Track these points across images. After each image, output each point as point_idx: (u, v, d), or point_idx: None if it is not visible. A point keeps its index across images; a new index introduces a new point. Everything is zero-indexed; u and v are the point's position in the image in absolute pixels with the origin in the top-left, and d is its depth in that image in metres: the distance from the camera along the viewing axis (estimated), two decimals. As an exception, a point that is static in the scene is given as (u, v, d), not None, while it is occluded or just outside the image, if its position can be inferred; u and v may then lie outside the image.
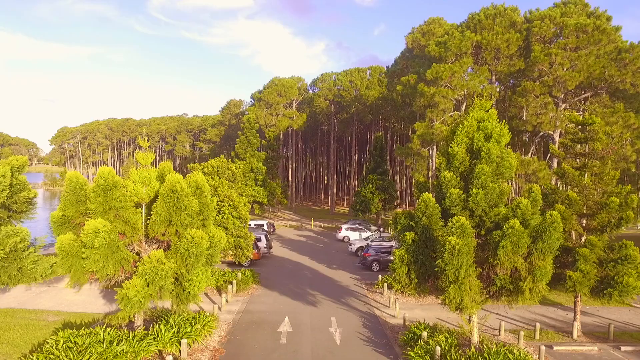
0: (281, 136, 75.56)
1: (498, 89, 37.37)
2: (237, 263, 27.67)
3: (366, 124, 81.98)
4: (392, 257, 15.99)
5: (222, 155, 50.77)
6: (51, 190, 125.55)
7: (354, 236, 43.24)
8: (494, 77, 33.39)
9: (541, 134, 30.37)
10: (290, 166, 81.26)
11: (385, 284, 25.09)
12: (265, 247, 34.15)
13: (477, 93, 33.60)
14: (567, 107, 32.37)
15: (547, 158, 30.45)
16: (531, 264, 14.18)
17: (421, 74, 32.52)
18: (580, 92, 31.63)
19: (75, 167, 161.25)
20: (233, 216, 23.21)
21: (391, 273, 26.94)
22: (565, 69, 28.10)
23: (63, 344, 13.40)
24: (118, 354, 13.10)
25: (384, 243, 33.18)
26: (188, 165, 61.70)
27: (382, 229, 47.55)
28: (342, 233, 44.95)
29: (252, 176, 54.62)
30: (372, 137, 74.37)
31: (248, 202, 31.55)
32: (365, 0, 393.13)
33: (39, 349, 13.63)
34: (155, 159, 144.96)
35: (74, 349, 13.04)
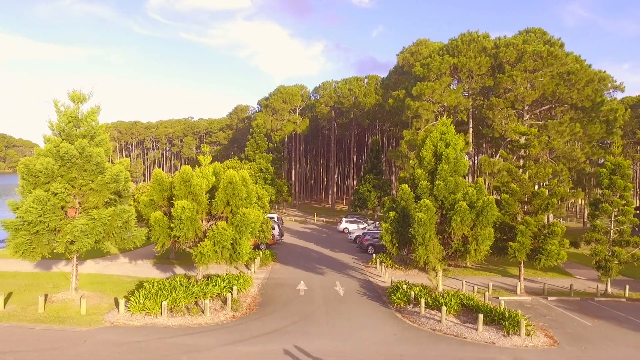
0: (286, 139, 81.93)
1: (482, 99, 43.80)
2: (259, 244, 34.02)
3: (364, 128, 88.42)
4: (391, 249, 22.25)
5: (235, 157, 57.06)
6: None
7: (352, 227, 49.51)
8: (469, 93, 39.87)
9: (508, 139, 36.79)
10: (293, 167, 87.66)
11: (378, 260, 31.37)
12: (278, 235, 40.41)
13: (453, 106, 40.11)
14: (531, 116, 38.87)
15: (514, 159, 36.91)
16: (476, 232, 20.54)
17: (409, 89, 38.94)
18: (541, 105, 38.09)
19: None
20: (258, 205, 29.52)
21: (384, 251, 33.41)
22: (524, 88, 34.57)
23: (155, 286, 19.73)
24: (194, 292, 19.41)
25: (379, 231, 39.42)
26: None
27: (377, 222, 53.80)
28: (343, 225, 51.28)
29: (261, 176, 60.90)
30: (370, 140, 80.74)
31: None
32: (363, 2, 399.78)
33: (139, 289, 19.93)
34: (163, 160, 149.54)
35: (164, 288, 19.37)
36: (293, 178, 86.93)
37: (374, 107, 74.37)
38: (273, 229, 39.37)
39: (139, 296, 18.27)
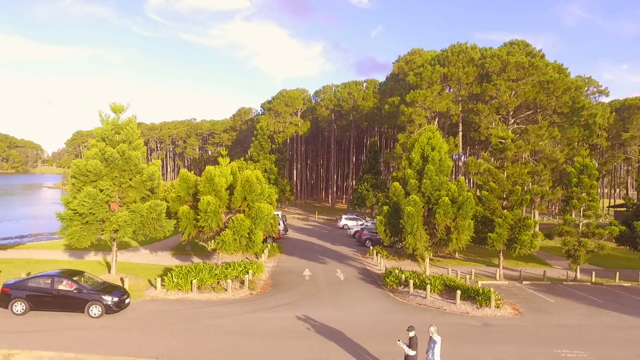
0: (288, 141, 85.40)
1: (474, 103, 47.26)
2: (266, 238, 37.44)
3: (363, 130, 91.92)
4: (384, 240, 25.70)
5: (241, 159, 60.40)
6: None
7: (352, 224, 52.97)
8: (458, 99, 43.44)
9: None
10: (294, 167, 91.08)
11: (375, 252, 34.79)
12: (283, 230, 43.83)
13: (444, 111, 43.48)
14: (516, 121, 42.36)
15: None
16: (457, 223, 23.94)
17: (403, 96, 42.50)
18: (526, 110, 41.59)
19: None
20: (267, 202, 32.91)
21: (380, 244, 36.84)
22: (508, 95, 38.05)
23: (184, 269, 23.14)
24: (217, 274, 22.81)
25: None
26: (207, 166, 71.22)
27: (375, 219, 57.20)
28: (342, 222, 54.73)
29: (265, 176, 64.24)
30: (368, 141, 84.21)
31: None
32: (362, 2, 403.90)
33: (170, 271, 23.33)
34: (167, 160, 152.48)
35: (192, 270, 22.78)
36: (294, 178, 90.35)
37: (372, 110, 77.82)
38: (278, 224, 42.82)
39: (172, 276, 21.71)
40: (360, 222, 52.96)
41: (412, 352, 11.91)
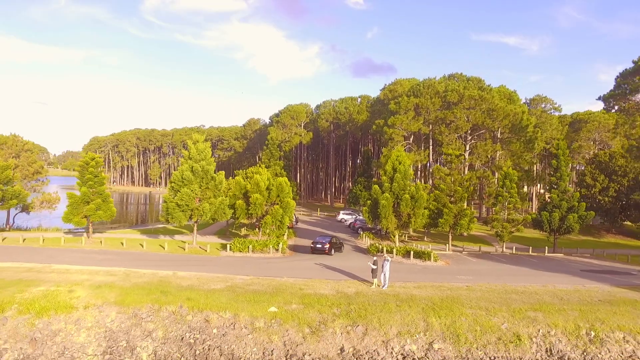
0: (293, 148, 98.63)
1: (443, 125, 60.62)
2: (284, 225, 50.55)
3: (358, 138, 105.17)
4: (369, 225, 38.91)
5: (259, 164, 73.36)
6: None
7: (347, 218, 66.04)
8: (427, 122, 56.84)
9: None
10: (298, 171, 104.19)
11: (364, 235, 47.91)
12: (294, 221, 56.94)
13: (417, 131, 56.57)
14: (473, 137, 55.64)
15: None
16: (414, 212, 37.15)
17: (386, 119, 55.73)
18: (479, 130, 54.85)
19: (104, 172, 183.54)
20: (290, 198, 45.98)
21: (369, 231, 49.97)
22: (463, 120, 51.20)
23: (240, 240, 36.18)
24: (261, 243, 35.91)
25: (366, 218, 55.89)
26: (235, 171, 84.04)
27: (367, 214, 70.17)
28: (340, 216, 67.86)
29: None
30: (362, 148, 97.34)
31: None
32: (358, 4, 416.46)
33: (232, 243, 36.38)
34: (177, 164, 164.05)
35: (247, 241, 35.82)
36: (298, 180, 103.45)
37: (366, 122, 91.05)
38: (294, 215, 55.81)
39: (236, 243, 34.83)
40: (354, 217, 66.06)
41: (374, 267, 25.02)
